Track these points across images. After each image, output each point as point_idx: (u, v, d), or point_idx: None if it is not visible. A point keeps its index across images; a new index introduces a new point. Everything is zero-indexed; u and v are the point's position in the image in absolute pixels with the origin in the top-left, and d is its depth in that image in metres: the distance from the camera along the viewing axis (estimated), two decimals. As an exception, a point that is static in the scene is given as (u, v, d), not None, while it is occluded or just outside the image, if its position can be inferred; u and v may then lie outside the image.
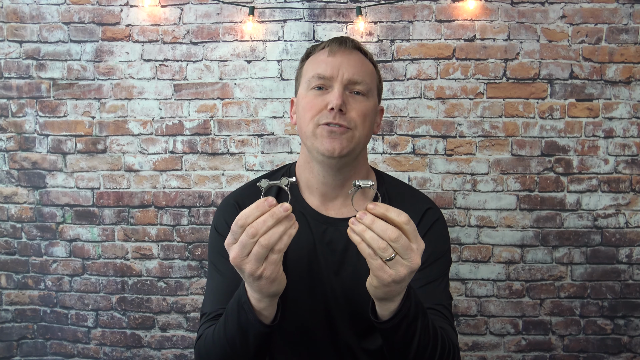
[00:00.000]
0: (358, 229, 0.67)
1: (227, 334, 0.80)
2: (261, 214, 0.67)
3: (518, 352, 2.07)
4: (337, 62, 0.93)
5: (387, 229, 0.65)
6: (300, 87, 0.99)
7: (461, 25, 2.01)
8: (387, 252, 0.65)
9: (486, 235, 2.06)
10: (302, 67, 1.01)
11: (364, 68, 0.95)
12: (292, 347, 0.99)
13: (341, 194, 0.99)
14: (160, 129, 2.10)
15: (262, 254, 0.67)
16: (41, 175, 2.13)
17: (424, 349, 0.79)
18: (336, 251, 0.96)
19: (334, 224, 0.97)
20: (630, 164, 2.01)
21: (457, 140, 2.04)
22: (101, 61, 2.09)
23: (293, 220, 0.69)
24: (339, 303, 0.96)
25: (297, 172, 1.03)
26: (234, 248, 0.68)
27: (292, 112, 1.06)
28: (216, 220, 1.02)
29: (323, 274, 0.96)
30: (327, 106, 0.90)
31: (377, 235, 0.66)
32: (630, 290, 2.04)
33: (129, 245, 2.14)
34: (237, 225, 0.67)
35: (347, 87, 0.92)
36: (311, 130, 0.92)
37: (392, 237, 0.65)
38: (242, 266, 0.68)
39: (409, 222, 0.67)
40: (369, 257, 0.67)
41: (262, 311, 0.77)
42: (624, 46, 1.98)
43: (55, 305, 2.16)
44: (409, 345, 0.78)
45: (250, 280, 0.71)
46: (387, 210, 0.67)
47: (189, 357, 2.15)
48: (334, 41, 0.97)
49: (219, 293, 0.95)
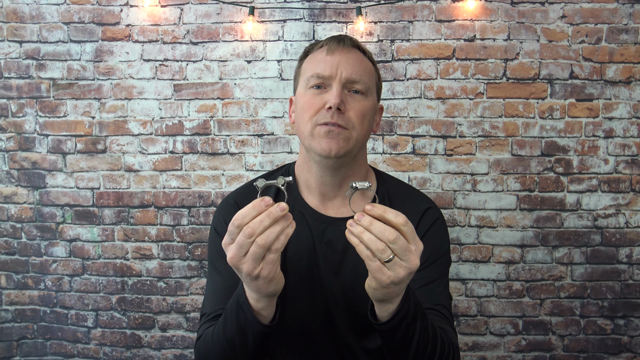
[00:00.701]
0: (356, 230, 0.67)
1: (226, 334, 0.80)
2: (258, 214, 0.67)
3: (518, 352, 2.07)
4: (335, 61, 0.92)
5: (385, 230, 0.65)
6: (299, 86, 0.98)
7: (461, 25, 2.01)
8: (385, 253, 0.65)
9: (486, 235, 2.06)
10: (301, 66, 1.00)
11: (363, 67, 0.95)
12: (292, 346, 0.99)
13: (340, 193, 0.99)
14: (160, 129, 2.10)
15: (259, 253, 0.67)
16: (41, 175, 2.13)
17: (424, 349, 0.78)
18: (336, 251, 0.96)
19: (334, 223, 0.97)
20: (630, 164, 2.01)
21: (457, 140, 2.04)
22: (101, 61, 2.09)
23: (290, 219, 0.69)
24: (338, 302, 0.95)
25: (296, 171, 1.03)
26: (231, 248, 0.68)
27: (290, 111, 1.05)
28: (215, 220, 1.02)
29: (322, 273, 0.96)
30: (325, 105, 0.90)
31: (375, 237, 0.65)
32: (630, 290, 2.04)
33: (129, 245, 2.14)
34: (233, 225, 0.67)
35: (346, 86, 0.92)
36: (309, 130, 0.92)
37: (390, 239, 0.65)
38: (239, 266, 0.69)
39: (406, 224, 0.66)
40: (367, 258, 0.67)
41: (260, 311, 0.77)
42: (624, 46, 1.98)
43: (55, 305, 2.16)
44: (408, 346, 0.78)
45: (248, 280, 0.71)
46: (385, 212, 0.67)
47: (188, 357, 2.15)
48: (333, 39, 0.96)
49: (218, 293, 0.95)
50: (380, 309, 0.75)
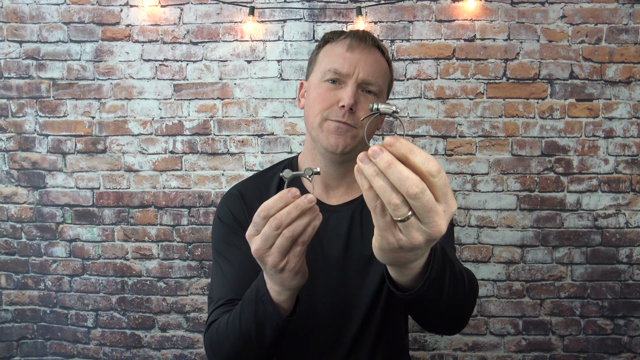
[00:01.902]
0: (368, 171, 0.49)
1: (242, 326, 0.78)
2: (285, 205, 0.64)
3: (518, 352, 2.07)
4: (354, 60, 0.92)
5: (408, 178, 0.47)
6: (313, 74, 0.98)
7: (461, 25, 2.01)
8: (400, 211, 0.48)
9: (486, 235, 2.06)
10: (318, 54, 0.99)
11: (379, 68, 0.95)
12: (294, 335, 0.98)
13: (343, 183, 1.00)
14: (160, 129, 2.10)
15: (285, 246, 0.64)
16: (41, 175, 2.13)
17: (453, 299, 0.73)
18: (340, 235, 0.97)
19: (336, 210, 0.98)
20: (630, 164, 2.01)
21: (457, 140, 2.04)
22: (101, 61, 2.09)
23: (317, 211, 0.66)
24: (343, 288, 0.96)
25: (301, 160, 1.05)
26: (255, 240, 0.65)
27: (300, 95, 1.04)
28: (220, 209, 1.03)
29: (328, 260, 0.96)
30: (339, 102, 0.90)
31: (391, 186, 0.48)
32: (630, 290, 2.04)
33: (129, 245, 2.14)
34: (259, 216, 0.64)
35: (360, 85, 0.92)
36: (318, 123, 0.93)
37: (411, 192, 0.46)
38: (264, 258, 0.66)
39: (439, 173, 0.48)
40: (375, 211, 0.51)
41: (281, 304, 0.75)
42: (624, 46, 1.98)
43: (55, 306, 2.16)
44: (436, 306, 0.73)
45: (272, 273, 0.68)
46: (411, 152, 0.48)
47: (189, 357, 2.14)
48: (355, 36, 0.95)
49: (225, 280, 0.94)
50: (395, 273, 0.65)
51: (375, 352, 0.98)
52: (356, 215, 0.98)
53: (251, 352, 0.80)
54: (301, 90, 1.04)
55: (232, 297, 0.91)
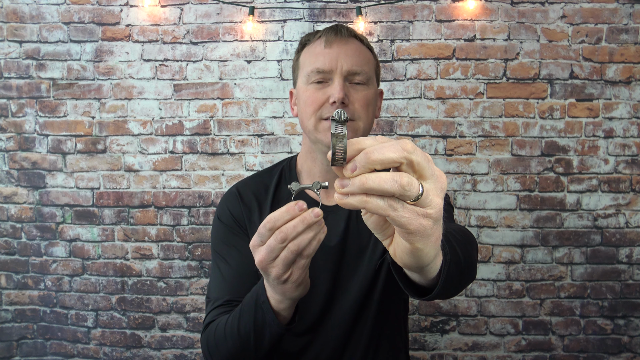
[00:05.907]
0: (355, 201, 0.46)
1: (240, 330, 0.79)
2: (291, 218, 0.63)
3: (518, 352, 2.07)
4: (334, 54, 0.91)
5: (387, 180, 0.45)
6: (299, 79, 0.98)
7: (461, 25, 2.01)
8: (413, 187, 0.45)
9: (486, 235, 2.06)
10: (299, 59, 0.99)
11: (362, 56, 0.94)
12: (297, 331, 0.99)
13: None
14: (160, 129, 2.10)
15: (290, 259, 0.64)
16: (41, 175, 2.13)
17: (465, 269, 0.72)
18: (338, 235, 0.97)
19: (333, 211, 0.98)
20: (630, 164, 2.01)
21: (457, 140, 2.04)
22: (101, 61, 2.09)
23: (322, 225, 0.65)
24: (341, 288, 0.96)
25: (299, 162, 1.04)
26: (260, 250, 0.65)
27: (292, 104, 1.05)
28: (219, 209, 1.03)
29: (329, 260, 0.96)
30: (329, 100, 0.90)
31: (382, 193, 0.45)
32: (630, 290, 2.04)
33: (129, 245, 2.14)
34: (265, 228, 0.64)
35: (347, 78, 0.92)
36: (313, 125, 0.92)
37: (404, 182, 0.44)
38: (268, 269, 0.66)
39: (414, 151, 0.45)
40: (388, 209, 0.46)
41: (281, 312, 0.75)
42: (624, 46, 1.98)
43: (55, 305, 2.16)
44: (454, 285, 0.69)
45: (275, 284, 0.68)
46: (372, 156, 0.45)
47: (189, 357, 2.14)
48: (330, 31, 0.95)
49: (223, 281, 0.95)
50: (416, 276, 0.62)
51: (376, 352, 0.98)
52: (353, 213, 0.99)
53: (248, 355, 0.80)
54: (292, 99, 1.04)
55: (230, 298, 0.91)
